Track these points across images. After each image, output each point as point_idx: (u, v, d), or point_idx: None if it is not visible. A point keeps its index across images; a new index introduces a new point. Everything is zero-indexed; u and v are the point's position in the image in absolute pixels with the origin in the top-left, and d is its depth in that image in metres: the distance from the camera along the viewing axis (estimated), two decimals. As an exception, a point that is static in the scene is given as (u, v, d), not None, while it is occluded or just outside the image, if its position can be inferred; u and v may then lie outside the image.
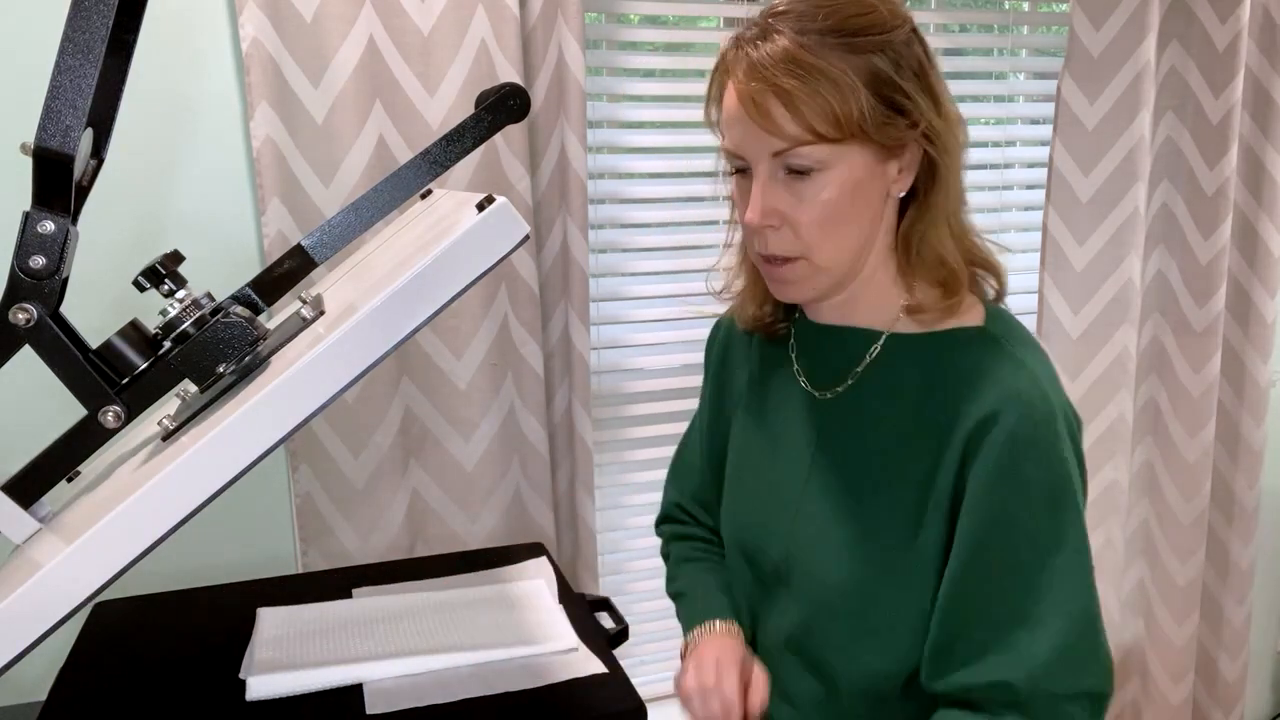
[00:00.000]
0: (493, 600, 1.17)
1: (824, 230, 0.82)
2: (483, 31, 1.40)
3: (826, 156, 0.80)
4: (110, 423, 0.77)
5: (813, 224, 0.82)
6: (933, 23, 1.83)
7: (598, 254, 1.66)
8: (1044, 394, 0.81)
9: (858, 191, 0.82)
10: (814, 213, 0.81)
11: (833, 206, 0.81)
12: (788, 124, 0.78)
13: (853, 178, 0.81)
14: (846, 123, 0.78)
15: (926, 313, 0.86)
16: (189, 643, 1.11)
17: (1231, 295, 1.96)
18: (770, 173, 0.82)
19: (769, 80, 0.78)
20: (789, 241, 0.83)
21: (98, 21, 0.69)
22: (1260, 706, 2.38)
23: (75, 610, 0.70)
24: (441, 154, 0.88)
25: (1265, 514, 2.14)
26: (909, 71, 0.80)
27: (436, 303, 0.76)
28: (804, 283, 0.86)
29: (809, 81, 0.77)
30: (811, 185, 0.81)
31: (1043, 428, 0.80)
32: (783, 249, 0.84)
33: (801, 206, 0.82)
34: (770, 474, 0.95)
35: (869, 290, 0.88)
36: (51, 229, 0.72)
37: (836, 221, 0.82)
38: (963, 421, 0.81)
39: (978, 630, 0.81)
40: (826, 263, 0.84)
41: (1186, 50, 1.83)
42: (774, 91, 0.78)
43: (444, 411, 1.50)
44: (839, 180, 0.81)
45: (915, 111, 0.80)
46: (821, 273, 0.85)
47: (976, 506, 0.80)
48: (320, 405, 0.74)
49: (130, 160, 1.33)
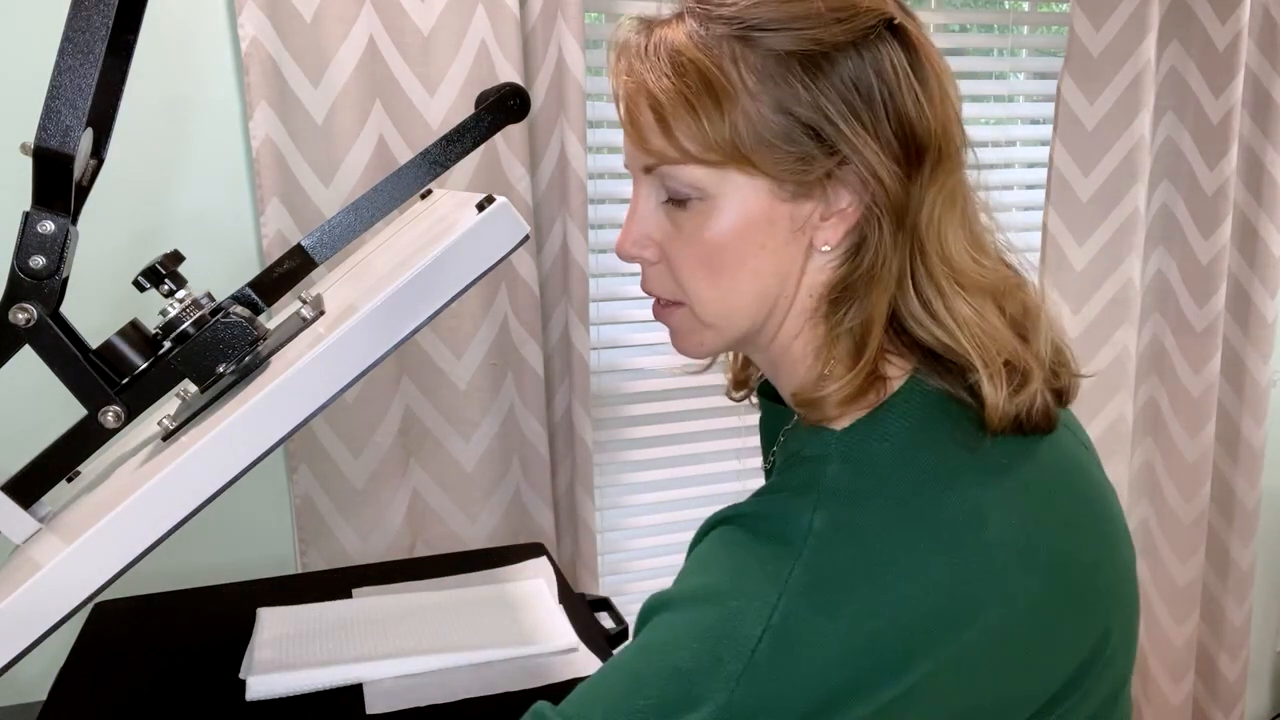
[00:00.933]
0: (493, 600, 1.17)
1: (703, 273, 0.65)
2: (483, 31, 1.39)
3: (704, 182, 0.62)
4: (110, 423, 0.77)
5: (690, 263, 0.65)
6: (933, 23, 1.83)
7: (598, 254, 1.66)
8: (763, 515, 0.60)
9: (754, 233, 0.63)
10: (691, 251, 0.64)
11: (714, 245, 0.63)
12: (654, 136, 0.62)
13: (742, 215, 0.62)
14: (718, 144, 0.60)
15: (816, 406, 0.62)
16: (189, 643, 1.11)
17: (1231, 295, 1.96)
18: (647, 194, 0.66)
19: (640, 80, 0.62)
20: (667, 282, 0.68)
21: (98, 21, 0.69)
22: (1260, 706, 2.38)
23: (75, 610, 0.70)
24: (441, 154, 0.88)
25: (1265, 514, 2.14)
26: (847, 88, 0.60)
27: (436, 303, 0.76)
28: (690, 336, 0.69)
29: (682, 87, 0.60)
30: (690, 216, 0.64)
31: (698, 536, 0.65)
32: (660, 290, 0.69)
33: (678, 240, 0.65)
34: None
35: (785, 359, 0.68)
36: (51, 229, 0.72)
37: (719, 265, 0.64)
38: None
39: None
40: (709, 317, 0.66)
41: (1186, 50, 1.83)
42: (644, 94, 0.62)
43: (444, 411, 1.50)
44: (722, 214, 0.62)
45: (838, 141, 0.60)
46: (706, 328, 0.67)
47: None
48: (320, 405, 0.74)
49: (130, 160, 1.33)
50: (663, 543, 1.83)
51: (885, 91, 0.61)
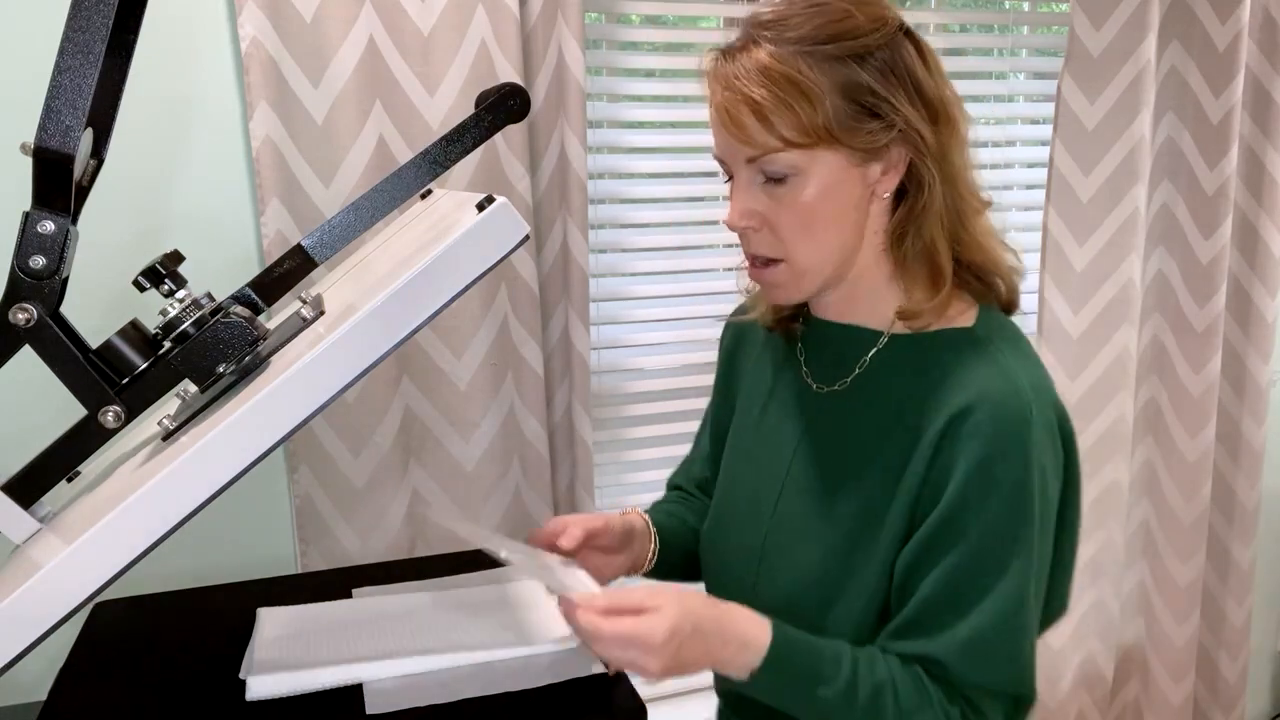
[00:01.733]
0: (493, 600, 1.17)
1: (802, 233, 0.85)
2: (483, 31, 1.40)
3: (799, 162, 0.82)
4: (110, 423, 0.77)
5: (791, 226, 0.85)
6: (933, 23, 1.83)
7: (598, 254, 1.66)
8: (1017, 393, 0.83)
9: (835, 194, 0.84)
10: (791, 216, 0.84)
11: (809, 210, 0.84)
12: (758, 133, 0.82)
13: (829, 182, 0.83)
14: (814, 130, 0.81)
15: (918, 316, 0.88)
16: (189, 643, 1.11)
17: (1231, 295, 1.96)
18: (748, 178, 0.85)
19: (739, 92, 0.81)
20: (770, 243, 0.87)
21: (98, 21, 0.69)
22: (1260, 706, 2.38)
23: (75, 610, 0.70)
24: (441, 154, 0.88)
25: (1266, 514, 2.14)
26: (888, 75, 0.82)
27: (436, 303, 0.77)
28: (788, 286, 0.89)
29: (777, 92, 0.80)
30: (788, 190, 0.84)
31: (1010, 429, 0.82)
32: (764, 250, 0.87)
33: (779, 210, 0.85)
34: (757, 467, 0.99)
35: (864, 289, 0.91)
36: (51, 229, 0.72)
37: (814, 224, 0.85)
38: (934, 419, 0.84)
39: (920, 608, 0.84)
40: (806, 265, 0.87)
41: (1186, 50, 1.83)
42: (745, 102, 0.81)
43: (444, 411, 1.50)
44: (814, 184, 0.83)
45: (892, 114, 0.82)
46: (804, 276, 0.88)
47: (940, 499, 0.83)
48: (320, 405, 0.74)
49: (130, 160, 1.33)
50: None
51: (908, 73, 0.83)
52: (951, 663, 0.82)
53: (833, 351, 0.95)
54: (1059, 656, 2.00)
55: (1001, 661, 0.83)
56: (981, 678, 0.83)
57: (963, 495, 0.82)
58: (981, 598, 0.82)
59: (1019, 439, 0.81)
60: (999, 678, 0.84)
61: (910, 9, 1.85)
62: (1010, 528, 0.82)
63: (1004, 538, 0.82)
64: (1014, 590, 0.82)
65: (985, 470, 0.81)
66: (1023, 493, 0.82)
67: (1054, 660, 2.01)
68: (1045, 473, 0.83)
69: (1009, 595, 0.82)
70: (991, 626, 0.82)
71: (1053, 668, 2.01)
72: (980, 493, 0.82)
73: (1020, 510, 0.82)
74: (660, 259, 1.71)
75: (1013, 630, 0.83)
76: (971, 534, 0.82)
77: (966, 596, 0.82)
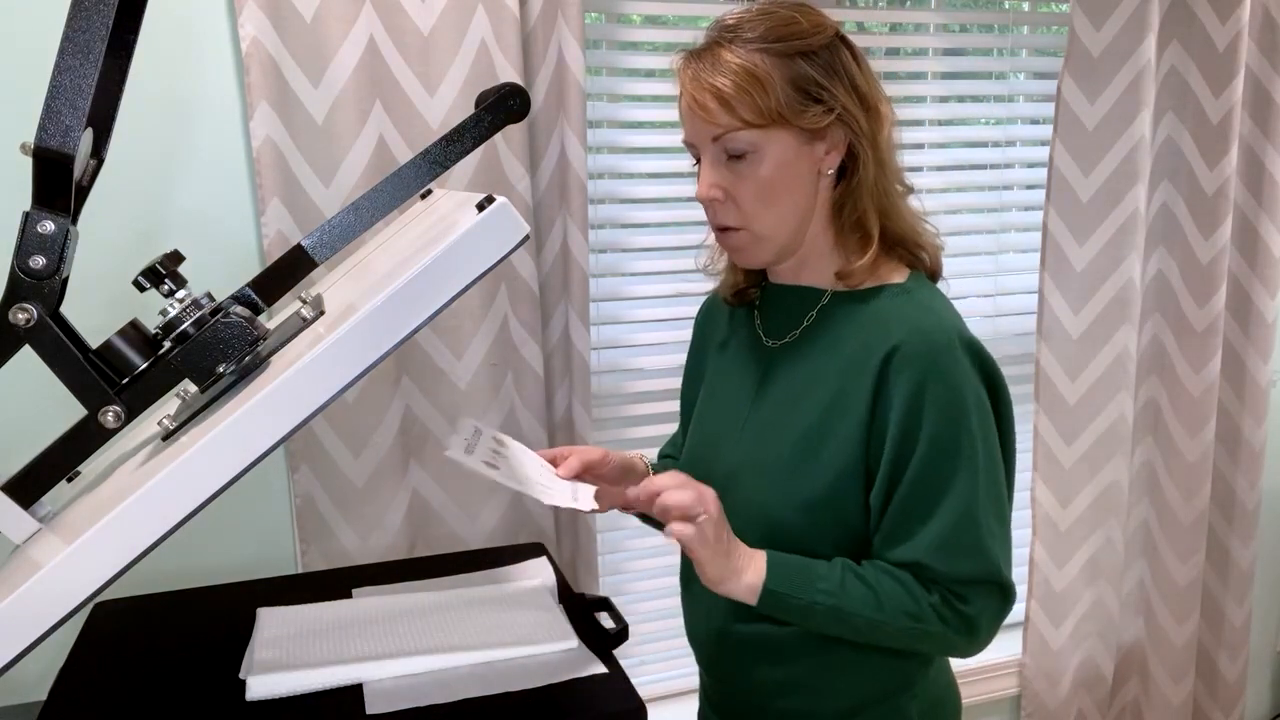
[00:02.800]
0: (493, 600, 1.17)
1: (760, 202, 0.99)
2: (483, 31, 1.40)
3: (756, 140, 0.96)
4: (110, 423, 0.77)
5: (750, 197, 0.99)
6: (933, 23, 1.83)
7: (598, 254, 1.66)
8: (940, 327, 0.98)
9: (788, 169, 0.98)
10: (750, 188, 0.98)
11: (766, 182, 0.98)
12: (721, 115, 0.96)
13: (782, 157, 0.97)
14: (768, 112, 0.95)
15: (852, 275, 1.02)
16: (189, 643, 1.11)
17: (1231, 295, 1.96)
18: (714, 157, 0.99)
19: (705, 82, 0.96)
20: (733, 214, 1.00)
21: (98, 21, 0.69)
22: (1260, 706, 2.38)
23: (75, 610, 0.70)
24: (441, 154, 0.88)
25: (1265, 514, 2.14)
26: (828, 70, 0.97)
27: (436, 303, 0.77)
28: (750, 249, 1.03)
29: (737, 81, 0.95)
30: (748, 165, 0.97)
31: (938, 355, 0.96)
32: (728, 220, 1.01)
33: (740, 183, 0.98)
34: (721, 411, 1.13)
35: (813, 255, 1.05)
36: (51, 229, 0.72)
37: (771, 195, 0.98)
38: (874, 353, 0.97)
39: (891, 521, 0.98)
40: (765, 231, 1.01)
41: (1186, 50, 1.83)
42: (710, 91, 0.96)
43: (444, 411, 1.50)
44: (770, 160, 0.97)
45: (832, 101, 0.96)
46: (763, 241, 1.01)
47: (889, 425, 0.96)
48: (320, 405, 0.74)
49: (130, 160, 1.33)
50: (662, 543, 1.82)
51: (845, 70, 0.98)
52: (925, 561, 0.96)
53: (784, 310, 1.09)
54: (1059, 657, 2.01)
55: (968, 554, 0.97)
56: (954, 569, 0.96)
57: (906, 418, 0.96)
58: (938, 503, 0.96)
59: (947, 362, 0.96)
60: (970, 568, 0.97)
61: (910, 9, 1.85)
62: (951, 439, 0.95)
63: (947, 449, 0.95)
64: (965, 491, 0.96)
65: (920, 393, 0.95)
66: (957, 408, 0.95)
67: (1054, 660, 2.01)
68: (978, 388, 0.97)
69: (961, 496, 0.95)
70: (951, 526, 0.96)
71: (1053, 668, 2.01)
72: (919, 414, 0.95)
73: (956, 422, 0.95)
74: (660, 259, 1.71)
75: (972, 525, 0.96)
76: (920, 449, 0.95)
77: (925, 504, 0.96)
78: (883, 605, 0.96)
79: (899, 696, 1.07)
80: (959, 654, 1.03)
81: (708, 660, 1.16)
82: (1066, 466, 1.92)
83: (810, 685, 1.06)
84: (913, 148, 1.84)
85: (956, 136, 1.91)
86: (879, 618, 0.96)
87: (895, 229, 1.03)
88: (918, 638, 0.98)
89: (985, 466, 0.97)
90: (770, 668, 1.07)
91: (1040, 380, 1.89)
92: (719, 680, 1.15)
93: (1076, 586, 1.98)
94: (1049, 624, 1.99)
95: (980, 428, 0.97)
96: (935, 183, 1.89)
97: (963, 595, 0.97)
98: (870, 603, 0.96)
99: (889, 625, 0.97)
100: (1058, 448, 1.92)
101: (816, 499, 1.00)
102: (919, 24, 1.83)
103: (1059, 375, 1.88)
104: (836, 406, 1.00)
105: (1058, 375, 1.88)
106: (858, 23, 1.83)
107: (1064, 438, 1.91)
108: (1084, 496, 1.93)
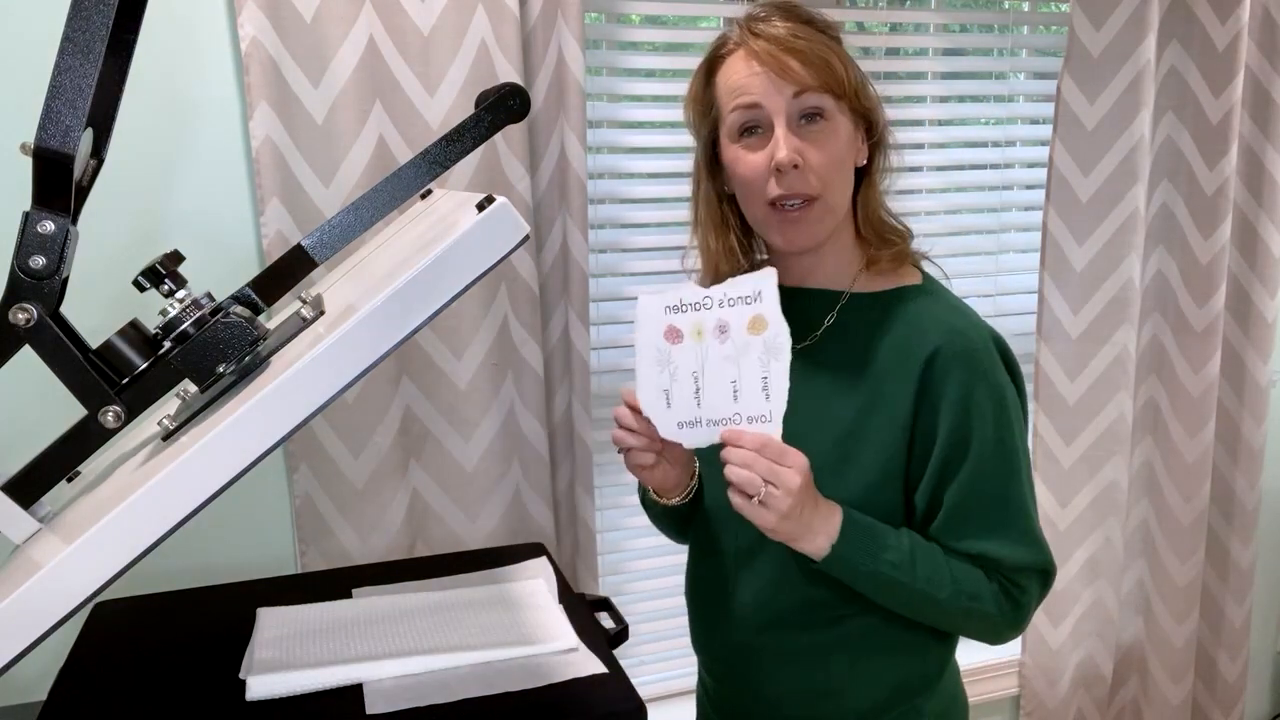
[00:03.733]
0: (493, 600, 1.17)
1: (834, 171, 0.98)
2: (483, 31, 1.40)
3: (832, 107, 0.97)
4: (110, 423, 0.77)
5: (826, 165, 0.97)
6: (933, 23, 1.83)
7: (598, 254, 1.66)
8: (975, 326, 1.00)
9: (848, 146, 0.99)
10: (826, 155, 0.97)
11: (838, 152, 0.98)
12: (803, 73, 0.95)
13: (845, 133, 0.99)
14: (845, 83, 0.97)
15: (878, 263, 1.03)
16: (189, 643, 1.11)
17: (1231, 295, 1.96)
18: (786, 122, 0.96)
19: (783, 42, 0.95)
20: (805, 182, 0.97)
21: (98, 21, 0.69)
22: (1260, 706, 2.38)
23: (75, 610, 0.70)
24: (441, 154, 0.88)
25: (1265, 514, 2.14)
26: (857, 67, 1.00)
27: (436, 303, 0.77)
28: (815, 224, 0.99)
29: (819, 45, 0.96)
30: (821, 132, 0.97)
31: (981, 355, 0.98)
32: (806, 188, 0.97)
33: (815, 150, 0.96)
34: None
35: (834, 250, 1.04)
36: (51, 229, 0.72)
37: (841, 166, 0.99)
38: (913, 356, 0.98)
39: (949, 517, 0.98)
40: (835, 201, 0.99)
41: (1186, 50, 1.83)
42: (790, 50, 0.95)
43: (444, 411, 1.50)
44: (839, 131, 0.98)
45: (866, 98, 1.00)
46: (831, 213, 1.00)
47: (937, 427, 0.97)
48: (320, 405, 0.74)
49: (130, 160, 1.33)
50: (663, 543, 1.82)
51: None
52: (990, 554, 0.98)
53: (800, 314, 1.03)
54: (1058, 656, 2.01)
55: (1023, 543, 0.99)
56: (1014, 558, 0.98)
57: (956, 420, 0.97)
58: (997, 498, 0.98)
59: (988, 363, 0.98)
60: (1026, 556, 0.99)
61: (910, 9, 1.85)
62: (1001, 438, 0.97)
63: (999, 449, 0.97)
64: (1019, 486, 0.99)
65: (969, 395, 0.96)
66: (1001, 406, 0.98)
67: (1053, 660, 2.01)
68: (1007, 384, 1.00)
69: (1015, 489, 0.99)
70: (1009, 519, 0.98)
71: (1052, 667, 2.01)
72: (969, 415, 0.96)
73: (1003, 421, 0.98)
74: (660, 259, 1.71)
75: (1023, 516, 0.99)
76: (974, 449, 0.97)
77: (984, 501, 0.98)
78: (944, 584, 0.97)
79: (916, 697, 1.06)
80: (998, 640, 1.04)
81: (724, 672, 1.14)
82: (1066, 466, 1.92)
83: (833, 690, 1.05)
84: (913, 148, 1.84)
85: (956, 136, 1.90)
86: (939, 595, 0.97)
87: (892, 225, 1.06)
88: (969, 616, 0.99)
89: (1024, 458, 1.00)
90: (794, 677, 1.06)
91: (1040, 380, 1.89)
92: (737, 691, 1.13)
93: (1076, 586, 1.98)
94: (1048, 623, 1.99)
95: (1017, 422, 1.00)
96: (935, 183, 1.89)
97: (1019, 583, 0.99)
98: (935, 579, 0.97)
99: (946, 604, 0.97)
100: (1057, 448, 1.92)
101: (854, 501, 0.98)
102: (919, 24, 1.83)
103: (1059, 375, 1.88)
104: (874, 410, 0.99)
105: (1057, 375, 1.88)
106: (858, 23, 1.83)
107: (1063, 437, 1.91)
108: (1083, 496, 1.93)
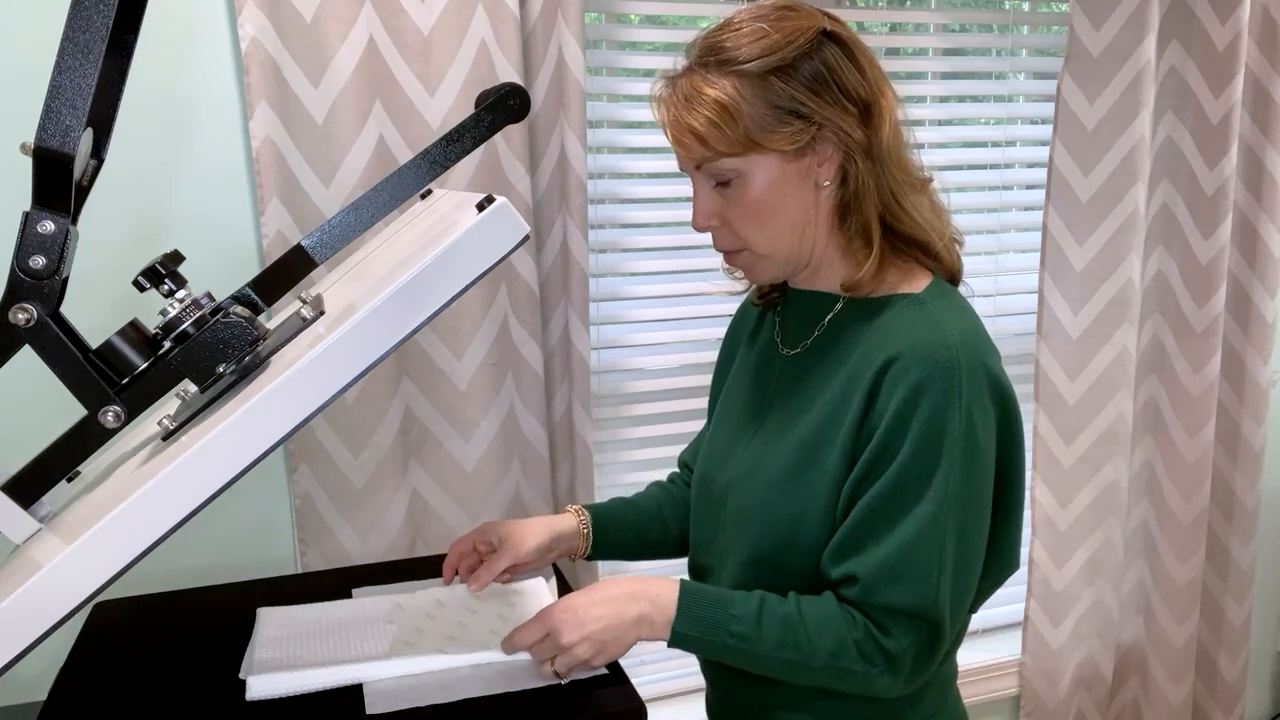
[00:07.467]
0: (493, 600, 1.17)
1: (754, 224, 0.97)
2: (483, 31, 1.40)
3: (738, 166, 0.94)
4: (110, 423, 0.77)
5: (742, 221, 0.97)
6: (933, 23, 1.83)
7: (598, 254, 1.66)
8: (945, 345, 0.92)
9: (776, 188, 0.95)
10: (741, 211, 0.97)
11: (755, 204, 0.96)
12: (696, 148, 0.94)
13: (768, 179, 0.95)
14: (739, 141, 0.92)
15: (858, 286, 0.99)
16: (189, 643, 1.11)
17: (1231, 295, 1.96)
18: (702, 183, 0.98)
19: (677, 118, 0.95)
20: (730, 238, 1.00)
21: (98, 21, 0.69)
22: (1260, 706, 2.38)
23: (75, 610, 0.70)
24: (441, 154, 0.88)
25: (1265, 514, 2.14)
26: (810, 80, 0.92)
27: (436, 303, 0.77)
28: (755, 268, 1.02)
29: (705, 114, 0.92)
30: (734, 190, 0.96)
31: (934, 375, 0.91)
32: (725, 244, 1.01)
33: (731, 209, 0.97)
34: (733, 418, 1.12)
35: (823, 264, 1.02)
36: (51, 229, 0.72)
37: (763, 216, 0.96)
38: (871, 364, 0.95)
39: (847, 532, 0.94)
40: (764, 250, 0.99)
41: (1186, 50, 1.83)
42: (682, 126, 0.94)
43: (444, 411, 1.50)
44: (756, 183, 0.95)
45: (814, 115, 0.92)
46: (765, 259, 1.00)
47: (875, 438, 0.93)
48: (320, 405, 0.74)
49: (130, 160, 1.33)
50: (663, 543, 1.82)
51: (831, 75, 0.93)
52: (864, 578, 0.92)
53: (800, 316, 1.07)
54: (1058, 656, 2.01)
55: (909, 583, 0.92)
56: (889, 597, 0.92)
57: (887, 434, 0.92)
58: (894, 524, 0.92)
59: (942, 384, 0.91)
60: (906, 599, 0.92)
61: (910, 9, 1.85)
62: (924, 464, 0.91)
63: (917, 473, 0.91)
64: (926, 520, 0.91)
65: (907, 411, 0.91)
66: (938, 434, 0.91)
67: (1053, 660, 2.01)
68: (972, 419, 0.92)
69: (921, 524, 0.91)
70: (900, 550, 0.91)
71: (1052, 668, 2.01)
72: (900, 432, 0.91)
73: (933, 450, 0.91)
74: (660, 259, 1.71)
75: (923, 556, 0.91)
76: (891, 468, 0.92)
77: (882, 522, 0.92)
78: (800, 644, 0.93)
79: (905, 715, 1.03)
80: (881, 694, 0.97)
81: (709, 672, 1.15)
82: (1066, 466, 1.92)
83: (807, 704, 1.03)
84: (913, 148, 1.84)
85: (956, 136, 1.91)
86: (795, 657, 0.93)
87: (905, 231, 0.99)
88: (838, 676, 0.94)
89: (958, 498, 0.91)
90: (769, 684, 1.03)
91: (1040, 380, 1.89)
92: (723, 695, 1.13)
93: (1076, 586, 1.98)
94: (1048, 624, 1.99)
95: (963, 457, 0.91)
96: (935, 183, 1.89)
97: (886, 627, 0.93)
98: (787, 643, 0.93)
99: (807, 665, 0.94)
100: (1057, 447, 1.92)
101: (810, 509, 0.97)
102: (919, 24, 1.83)
103: (1059, 375, 1.88)
104: (834, 417, 0.97)
105: (1057, 375, 1.88)
106: (858, 23, 1.83)
107: (1063, 437, 1.91)
108: (1083, 496, 1.93)
